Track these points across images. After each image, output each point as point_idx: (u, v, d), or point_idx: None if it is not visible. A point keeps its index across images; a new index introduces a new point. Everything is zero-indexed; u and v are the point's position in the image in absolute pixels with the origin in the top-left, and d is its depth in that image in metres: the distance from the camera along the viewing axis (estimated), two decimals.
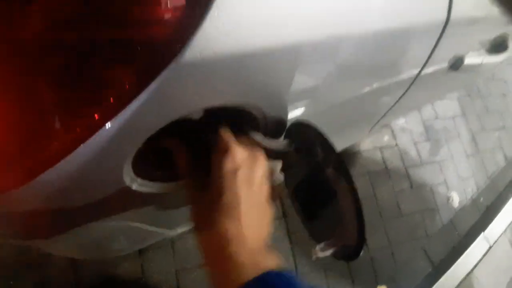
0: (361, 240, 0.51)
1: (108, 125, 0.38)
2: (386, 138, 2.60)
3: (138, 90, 0.37)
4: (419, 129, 2.82)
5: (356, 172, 2.36)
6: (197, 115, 0.57)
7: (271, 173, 0.55)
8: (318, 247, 0.56)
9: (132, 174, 0.52)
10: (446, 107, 3.04)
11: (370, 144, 2.51)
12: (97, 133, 0.39)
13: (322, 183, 0.54)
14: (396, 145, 2.62)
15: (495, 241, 2.67)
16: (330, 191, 0.53)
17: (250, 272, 0.43)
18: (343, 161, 0.50)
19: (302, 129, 0.57)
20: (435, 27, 0.65)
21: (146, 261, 1.67)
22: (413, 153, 2.70)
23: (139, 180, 0.54)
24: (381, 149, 2.54)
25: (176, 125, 0.47)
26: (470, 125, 3.12)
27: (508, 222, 2.84)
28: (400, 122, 2.70)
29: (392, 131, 2.64)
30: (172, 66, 0.37)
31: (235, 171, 0.49)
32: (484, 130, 3.20)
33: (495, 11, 0.83)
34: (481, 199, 2.88)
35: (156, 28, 0.35)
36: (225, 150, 0.50)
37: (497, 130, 3.31)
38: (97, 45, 0.35)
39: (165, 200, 0.67)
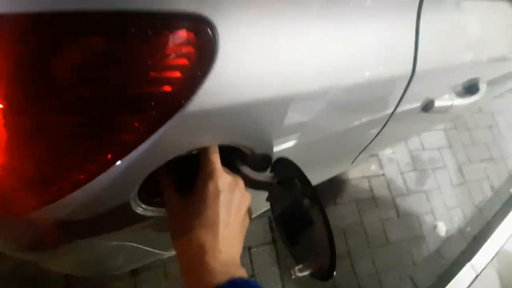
0: (333, 263, 0.59)
1: (119, 162, 0.47)
2: (373, 167, 2.68)
3: (146, 136, 0.46)
4: (406, 160, 2.90)
5: (344, 200, 2.43)
6: None
7: (248, 198, 0.63)
8: (297, 268, 0.64)
9: (137, 199, 0.61)
10: (433, 138, 3.14)
11: (357, 173, 2.58)
12: (110, 168, 0.47)
13: (301, 212, 0.62)
14: (383, 174, 2.70)
15: (482, 270, 2.69)
16: (307, 219, 0.61)
17: (221, 277, 0.50)
18: (317, 192, 0.59)
19: (283, 164, 0.66)
20: (402, 78, 0.76)
21: (138, 281, 1.72)
22: (399, 182, 2.77)
23: (142, 205, 0.63)
24: (368, 178, 2.62)
25: None
26: (456, 156, 3.21)
27: (495, 251, 2.86)
28: (387, 152, 2.78)
29: (380, 161, 2.73)
30: (176, 116, 0.46)
31: (218, 193, 0.57)
32: (471, 161, 3.27)
33: (465, 58, 0.93)
34: (468, 228, 2.92)
35: (165, 86, 0.44)
36: (210, 174, 0.57)
37: (484, 161, 3.39)
38: (115, 98, 0.43)
39: (162, 223, 0.74)
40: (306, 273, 0.64)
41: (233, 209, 0.58)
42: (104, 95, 0.43)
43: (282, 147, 0.72)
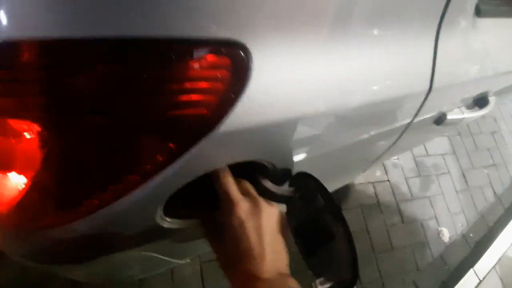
0: (355, 278, 0.61)
1: (150, 180, 0.49)
2: (378, 173, 2.70)
3: (178, 155, 0.48)
4: (410, 165, 2.92)
5: (349, 206, 2.43)
6: None
7: (275, 211, 0.65)
8: (318, 281, 0.65)
9: (162, 214, 0.62)
10: (437, 144, 3.15)
11: (362, 178, 2.59)
12: (141, 186, 0.49)
13: (323, 227, 0.64)
14: (388, 180, 2.72)
15: (485, 276, 2.70)
16: (329, 234, 0.63)
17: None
18: (341, 210, 0.61)
19: (304, 179, 0.68)
20: (419, 95, 0.77)
21: (146, 285, 1.72)
22: (404, 188, 2.78)
23: (167, 218, 0.64)
24: (373, 183, 2.63)
25: None
26: (460, 162, 3.23)
27: (498, 257, 2.88)
28: (392, 158, 2.80)
29: (384, 167, 2.74)
30: (208, 136, 0.47)
31: (242, 224, 0.58)
32: (474, 167, 3.29)
33: (479, 74, 0.95)
34: (471, 234, 2.94)
35: (200, 109, 0.46)
36: (229, 208, 0.59)
37: (487, 167, 3.41)
38: (153, 121, 0.45)
39: (184, 234, 0.76)
40: (327, 286, 0.65)
41: (264, 230, 0.59)
42: (140, 117, 0.44)
43: (300, 158, 0.73)
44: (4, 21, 0.36)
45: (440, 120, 0.96)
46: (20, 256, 0.64)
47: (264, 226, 0.60)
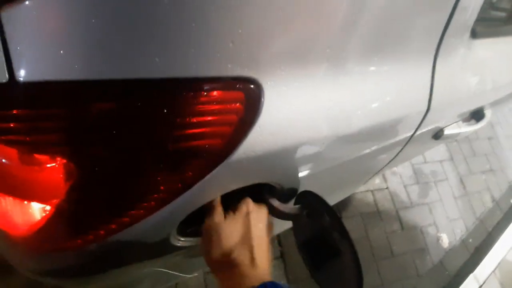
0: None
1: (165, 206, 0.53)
2: (377, 181, 2.73)
3: (194, 182, 0.52)
4: (409, 173, 2.95)
5: (349, 214, 2.46)
6: None
7: (264, 214, 0.71)
8: None
9: (176, 234, 0.66)
10: (434, 151, 3.17)
11: (362, 187, 2.60)
12: (158, 211, 0.53)
13: (329, 243, 0.67)
14: (387, 188, 2.74)
15: (485, 281, 2.71)
16: (335, 250, 0.66)
17: (256, 282, 0.57)
18: (345, 227, 0.64)
19: (310, 197, 0.71)
20: (418, 114, 0.81)
21: None
22: (403, 195, 2.81)
23: (180, 237, 0.68)
24: (373, 191, 2.66)
25: None
26: (457, 168, 3.25)
27: (497, 262, 2.89)
28: None
29: (383, 175, 2.77)
30: (223, 164, 0.51)
31: (248, 213, 0.66)
32: (472, 172, 3.32)
33: (475, 91, 0.99)
34: (470, 239, 2.95)
35: (216, 139, 0.49)
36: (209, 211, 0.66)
37: (484, 172, 3.44)
38: (172, 151, 0.48)
39: (194, 250, 0.79)
40: None
41: (261, 225, 0.67)
42: (160, 149, 0.48)
43: (305, 175, 0.77)
44: (29, 64, 0.39)
45: (437, 135, 1.00)
46: (34, 272, 0.66)
47: (263, 220, 0.68)
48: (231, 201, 0.68)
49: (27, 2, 0.37)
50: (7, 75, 0.39)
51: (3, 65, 0.39)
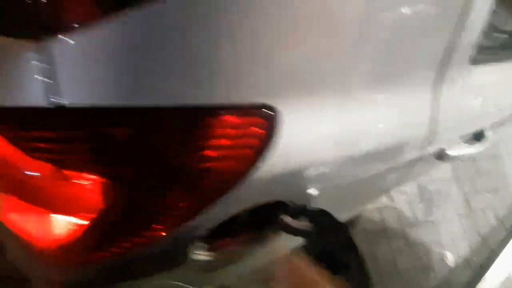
0: None
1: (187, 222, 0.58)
2: (384, 199, 2.75)
3: (215, 201, 0.57)
4: (414, 191, 2.98)
5: (355, 231, 2.46)
6: None
7: None
8: None
9: (193, 248, 0.71)
10: (439, 170, 3.20)
11: (369, 204, 2.64)
12: (179, 227, 0.58)
13: (339, 257, 0.72)
14: (393, 205, 2.78)
15: None
16: (344, 264, 0.71)
17: None
18: (354, 242, 0.69)
19: (322, 215, 0.77)
20: (423, 136, 0.87)
21: None
22: (408, 213, 2.83)
23: (199, 252, 0.73)
24: (379, 209, 2.69)
25: None
26: (462, 186, 3.27)
27: (501, 280, 2.87)
28: None
29: (390, 193, 2.78)
30: (241, 184, 0.57)
31: None
32: (476, 191, 3.33)
33: (477, 113, 1.05)
34: (474, 257, 2.94)
35: (238, 162, 0.55)
36: None
37: (489, 191, 3.45)
38: (197, 174, 0.54)
39: (210, 264, 0.84)
40: None
41: None
42: (185, 170, 0.53)
43: (315, 193, 0.82)
44: (65, 89, 0.43)
45: (441, 157, 1.06)
46: (54, 284, 0.69)
47: None
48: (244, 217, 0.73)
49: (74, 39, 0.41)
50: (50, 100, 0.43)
51: (45, 91, 0.43)
